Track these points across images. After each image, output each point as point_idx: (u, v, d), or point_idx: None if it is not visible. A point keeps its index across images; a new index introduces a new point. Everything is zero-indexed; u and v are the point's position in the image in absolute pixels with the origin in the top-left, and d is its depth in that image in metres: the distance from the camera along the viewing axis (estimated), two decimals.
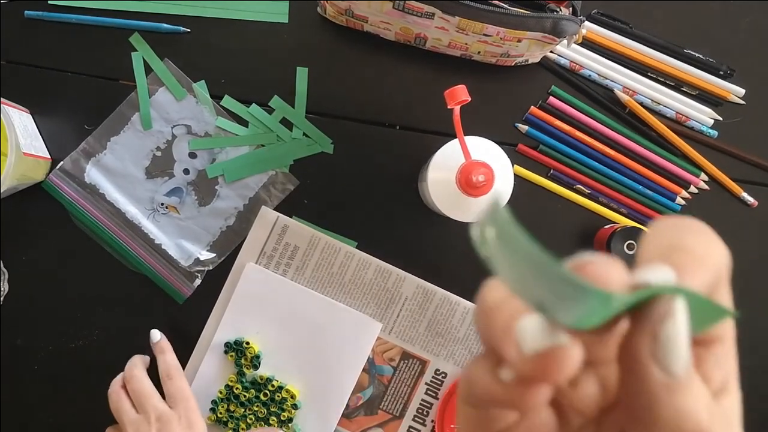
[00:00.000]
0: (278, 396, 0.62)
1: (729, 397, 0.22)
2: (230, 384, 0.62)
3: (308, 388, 0.62)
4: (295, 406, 0.62)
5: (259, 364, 0.62)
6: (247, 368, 0.62)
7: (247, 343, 0.61)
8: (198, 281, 0.63)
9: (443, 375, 0.64)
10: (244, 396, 0.62)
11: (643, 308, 0.17)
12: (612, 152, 0.65)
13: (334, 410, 0.62)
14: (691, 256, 0.18)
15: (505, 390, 0.18)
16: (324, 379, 0.62)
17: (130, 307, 0.64)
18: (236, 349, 0.62)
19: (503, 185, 0.54)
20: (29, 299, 0.64)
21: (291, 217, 0.63)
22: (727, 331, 0.20)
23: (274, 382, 0.62)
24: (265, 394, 0.62)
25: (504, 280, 0.17)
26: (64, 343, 0.64)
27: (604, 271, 0.17)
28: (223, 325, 0.62)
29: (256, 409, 0.62)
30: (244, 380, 0.62)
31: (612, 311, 0.16)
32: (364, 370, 0.64)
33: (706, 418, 0.18)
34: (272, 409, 0.62)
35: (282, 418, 0.61)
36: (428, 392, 0.64)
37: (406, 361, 0.64)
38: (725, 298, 0.20)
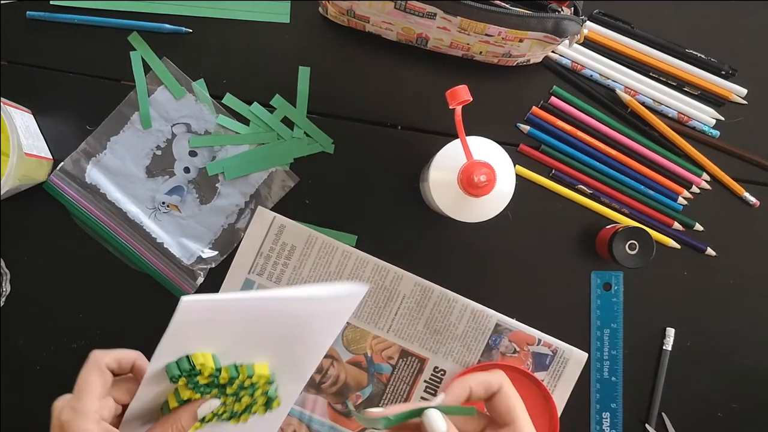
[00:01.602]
0: (248, 382, 0.48)
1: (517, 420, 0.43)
2: (185, 399, 0.46)
3: (278, 358, 0.49)
4: (269, 382, 0.49)
5: (219, 373, 0.46)
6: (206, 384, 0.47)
7: (201, 365, 0.44)
8: (201, 279, 0.63)
9: (442, 372, 0.64)
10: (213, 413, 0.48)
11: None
12: (614, 152, 0.65)
13: (309, 365, 0.52)
14: (458, 386, 0.43)
15: None
16: (296, 346, 0.50)
17: (132, 307, 0.64)
18: (188, 375, 0.45)
19: (505, 185, 0.54)
20: (31, 300, 0.64)
21: (290, 218, 0.63)
22: (501, 386, 0.43)
23: (241, 377, 0.48)
24: (239, 387, 0.48)
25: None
26: (66, 343, 0.64)
27: (381, 412, 0.41)
28: (159, 356, 0.43)
29: (232, 407, 0.49)
30: (203, 389, 0.46)
31: (395, 422, 0.41)
32: (363, 368, 0.64)
33: None
34: (246, 397, 0.49)
35: (261, 402, 0.50)
36: (427, 390, 0.64)
37: (404, 359, 0.64)
38: (502, 395, 0.43)
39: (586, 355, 0.64)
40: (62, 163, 0.63)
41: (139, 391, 0.44)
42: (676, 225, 0.65)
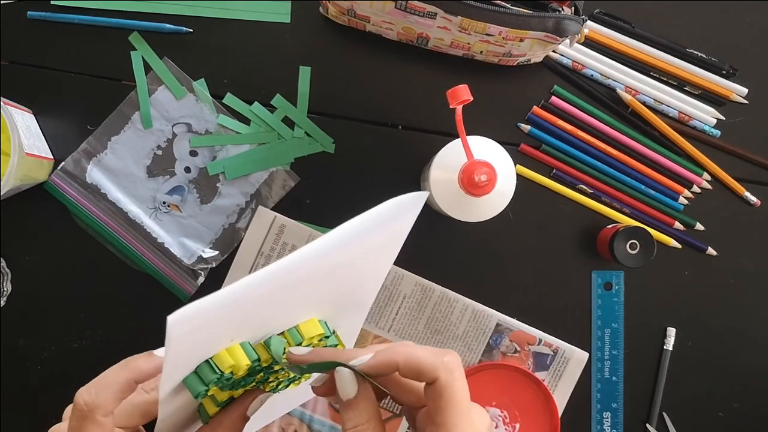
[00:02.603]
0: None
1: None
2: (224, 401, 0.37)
3: (327, 305, 0.39)
4: (325, 336, 0.39)
5: (258, 362, 0.35)
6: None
7: (232, 366, 0.34)
8: (201, 279, 0.63)
9: None
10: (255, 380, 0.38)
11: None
12: (614, 152, 0.65)
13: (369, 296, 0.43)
14: (387, 355, 0.34)
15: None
16: (345, 291, 0.40)
17: (133, 307, 0.64)
18: (218, 383, 0.34)
19: (505, 185, 0.54)
20: (32, 299, 0.64)
21: (291, 217, 0.63)
22: (436, 379, 0.32)
23: (286, 345, 0.36)
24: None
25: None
26: (66, 343, 0.64)
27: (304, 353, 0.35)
28: (168, 377, 0.33)
29: (288, 376, 0.40)
30: (244, 382, 0.37)
31: (308, 371, 0.35)
32: None
33: (362, 422, 0.33)
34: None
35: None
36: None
37: None
38: (437, 390, 0.33)
39: (587, 354, 0.64)
40: (63, 163, 0.63)
41: (159, 415, 0.34)
42: (677, 225, 0.65)
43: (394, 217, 0.38)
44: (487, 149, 0.54)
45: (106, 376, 0.36)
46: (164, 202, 0.64)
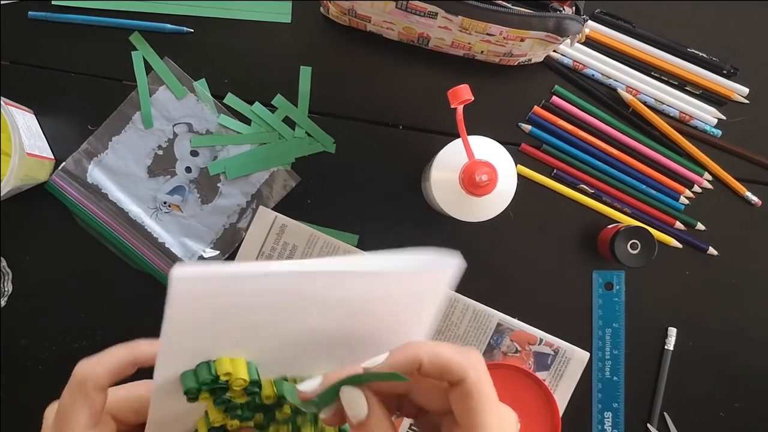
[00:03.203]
0: None
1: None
2: (216, 426, 0.34)
3: (343, 353, 0.35)
4: None
5: (258, 390, 0.33)
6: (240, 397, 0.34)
7: (227, 374, 0.32)
8: None
9: None
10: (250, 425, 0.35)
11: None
12: (615, 152, 0.65)
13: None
14: (408, 352, 0.31)
15: None
16: (368, 343, 0.35)
17: (133, 306, 0.64)
18: (212, 387, 0.32)
19: (506, 185, 0.54)
20: (33, 299, 0.64)
21: (292, 217, 0.63)
22: (465, 378, 0.30)
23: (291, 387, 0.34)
24: (294, 413, 0.35)
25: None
26: (67, 343, 0.64)
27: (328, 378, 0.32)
28: (166, 359, 0.32)
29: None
30: (240, 412, 0.34)
31: (322, 405, 0.32)
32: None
33: None
34: (307, 427, 0.36)
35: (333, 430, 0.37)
36: None
37: None
38: (464, 391, 0.31)
39: (588, 354, 0.64)
40: (64, 163, 0.63)
41: (152, 410, 0.32)
42: (678, 224, 0.65)
43: (415, 270, 0.33)
44: (487, 149, 0.54)
45: (108, 351, 0.36)
46: (165, 202, 0.64)
